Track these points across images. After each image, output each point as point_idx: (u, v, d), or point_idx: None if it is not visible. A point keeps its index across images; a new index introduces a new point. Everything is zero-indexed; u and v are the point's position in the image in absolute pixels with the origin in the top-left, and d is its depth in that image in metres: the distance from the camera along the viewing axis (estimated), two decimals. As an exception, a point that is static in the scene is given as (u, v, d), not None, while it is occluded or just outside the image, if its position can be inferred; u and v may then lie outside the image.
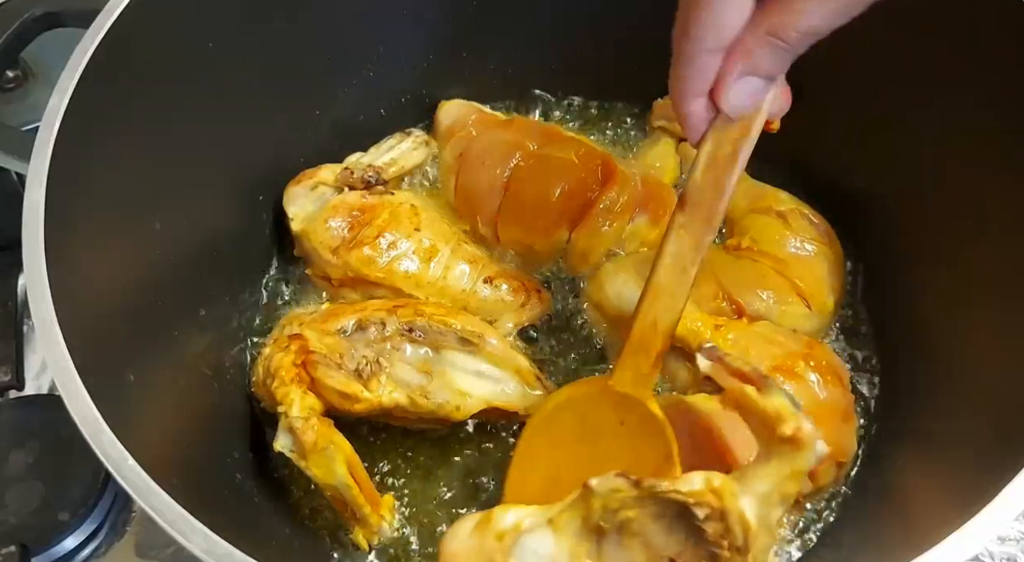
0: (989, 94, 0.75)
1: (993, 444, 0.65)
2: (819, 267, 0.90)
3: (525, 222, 0.92)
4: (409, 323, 0.81)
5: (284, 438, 0.75)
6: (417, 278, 0.88)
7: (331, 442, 0.75)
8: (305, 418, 0.75)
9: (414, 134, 1.02)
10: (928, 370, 0.83)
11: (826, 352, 0.84)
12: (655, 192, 0.94)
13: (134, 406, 0.65)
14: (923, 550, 0.54)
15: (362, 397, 0.78)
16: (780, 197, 0.95)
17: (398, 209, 0.90)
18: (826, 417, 0.79)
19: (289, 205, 0.92)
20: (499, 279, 0.90)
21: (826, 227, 0.93)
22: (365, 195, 0.91)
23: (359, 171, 0.92)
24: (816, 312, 0.87)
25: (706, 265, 0.87)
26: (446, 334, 0.81)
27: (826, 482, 0.80)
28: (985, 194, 0.77)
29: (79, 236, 0.66)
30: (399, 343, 0.81)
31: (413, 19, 0.97)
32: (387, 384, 0.79)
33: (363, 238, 0.87)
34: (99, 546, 0.89)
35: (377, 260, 0.87)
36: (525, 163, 0.92)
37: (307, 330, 0.81)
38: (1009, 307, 0.72)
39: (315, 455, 0.74)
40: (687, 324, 0.81)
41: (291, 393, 0.76)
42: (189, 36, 0.78)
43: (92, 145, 0.69)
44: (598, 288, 0.91)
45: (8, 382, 0.96)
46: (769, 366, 0.79)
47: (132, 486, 0.56)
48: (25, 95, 1.04)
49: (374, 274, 0.87)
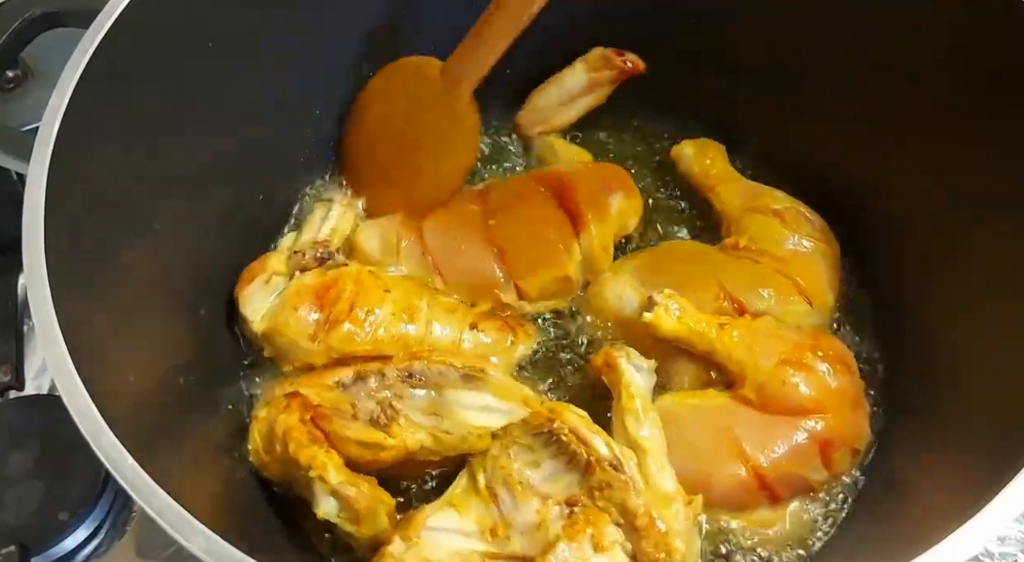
0: (987, 85, 0.75)
1: (994, 444, 0.65)
2: (818, 264, 0.90)
3: (540, 262, 0.91)
4: (407, 368, 0.79)
5: (327, 504, 0.72)
6: (404, 340, 0.84)
7: (380, 501, 0.73)
8: (350, 483, 0.71)
9: (336, 199, 0.98)
10: (928, 360, 0.83)
11: (832, 341, 0.85)
12: (610, 172, 0.98)
13: (134, 405, 0.65)
14: (923, 550, 0.54)
15: (387, 444, 0.75)
16: (776, 195, 0.95)
17: (359, 277, 0.86)
18: (838, 405, 0.80)
19: (246, 307, 0.85)
20: (482, 323, 0.88)
21: (822, 223, 0.93)
22: (322, 272, 0.87)
23: (309, 251, 0.88)
24: (817, 309, 0.88)
25: (707, 267, 0.89)
26: (447, 373, 0.79)
27: (842, 469, 0.81)
28: (980, 185, 0.77)
29: (79, 236, 0.66)
30: (401, 389, 0.79)
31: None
32: (407, 426, 0.77)
33: (337, 315, 0.83)
34: (99, 546, 0.89)
35: (359, 333, 0.83)
36: (496, 221, 0.92)
37: (302, 387, 0.78)
38: (1008, 296, 0.72)
39: (368, 518, 0.71)
40: (691, 325, 0.82)
41: (318, 456, 0.72)
42: (189, 36, 0.78)
43: (92, 145, 0.69)
44: (597, 295, 0.91)
45: (8, 382, 0.96)
46: (777, 360, 0.80)
47: (132, 486, 0.56)
48: (25, 95, 1.04)
49: (361, 348, 0.83)
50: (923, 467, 0.77)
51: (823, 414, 0.79)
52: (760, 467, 0.77)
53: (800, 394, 0.79)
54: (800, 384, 0.79)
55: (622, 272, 0.90)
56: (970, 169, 0.78)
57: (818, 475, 0.79)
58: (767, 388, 0.79)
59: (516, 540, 0.70)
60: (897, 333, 0.89)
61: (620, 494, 0.69)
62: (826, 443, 0.78)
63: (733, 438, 0.78)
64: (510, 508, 0.71)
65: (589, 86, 1.01)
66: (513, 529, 0.70)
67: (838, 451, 0.79)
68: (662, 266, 0.91)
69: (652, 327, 0.82)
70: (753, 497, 0.78)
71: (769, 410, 0.79)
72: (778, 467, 0.77)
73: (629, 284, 0.89)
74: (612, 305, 0.89)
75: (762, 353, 0.80)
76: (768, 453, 0.77)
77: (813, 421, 0.78)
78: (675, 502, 0.70)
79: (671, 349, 0.84)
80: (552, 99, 1.03)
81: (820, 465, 0.79)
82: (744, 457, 0.77)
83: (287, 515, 0.82)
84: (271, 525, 0.80)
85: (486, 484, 0.73)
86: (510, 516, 0.71)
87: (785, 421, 0.79)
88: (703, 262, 0.91)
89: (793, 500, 0.80)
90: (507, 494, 0.71)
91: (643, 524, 0.68)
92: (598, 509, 0.69)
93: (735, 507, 0.78)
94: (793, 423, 0.78)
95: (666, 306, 0.82)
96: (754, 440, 0.78)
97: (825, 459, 0.79)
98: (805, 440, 0.78)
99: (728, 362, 0.82)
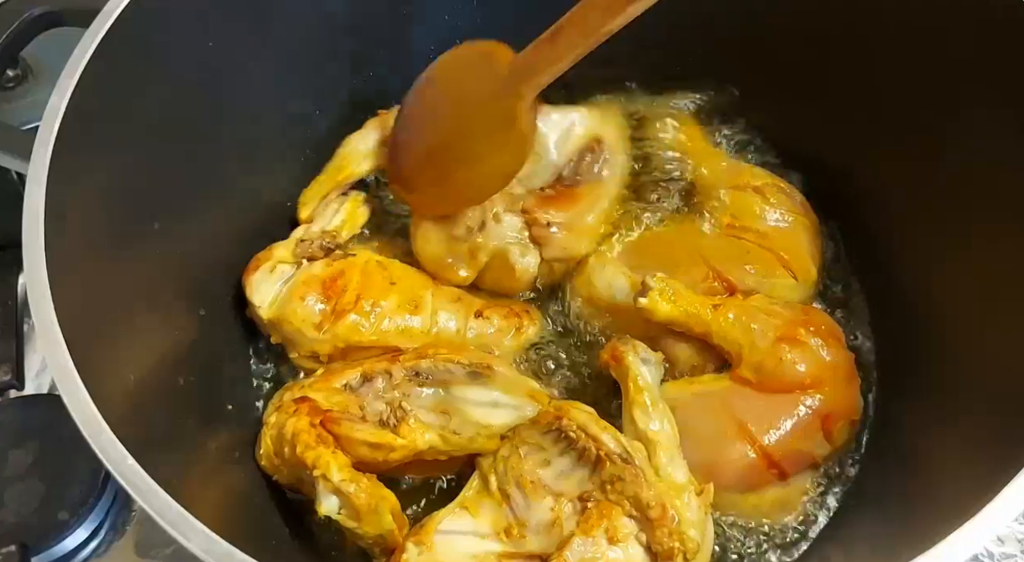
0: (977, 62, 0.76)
1: (994, 439, 0.65)
2: (799, 237, 0.91)
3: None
4: (414, 367, 0.80)
5: (329, 502, 0.72)
6: (410, 331, 0.85)
7: (382, 498, 0.73)
8: (351, 480, 0.72)
9: (351, 194, 0.98)
10: (920, 337, 0.84)
11: (822, 316, 0.86)
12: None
13: (134, 405, 0.65)
14: (923, 550, 0.54)
15: (396, 444, 0.76)
16: (756, 172, 0.96)
17: (366, 268, 0.87)
18: (832, 378, 0.81)
19: (254, 294, 0.86)
20: (488, 310, 0.89)
21: (801, 198, 0.94)
22: (329, 262, 0.87)
23: (316, 240, 0.89)
24: (802, 282, 0.89)
25: (693, 247, 0.90)
26: (454, 371, 0.80)
27: (842, 442, 0.82)
28: (967, 156, 0.78)
29: (79, 236, 0.66)
30: (409, 389, 0.80)
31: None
32: (416, 427, 0.77)
33: (344, 306, 0.84)
34: (99, 546, 0.89)
35: (365, 324, 0.84)
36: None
37: (311, 392, 0.79)
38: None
39: (369, 515, 0.72)
40: (686, 308, 0.82)
41: (323, 455, 0.72)
42: (189, 36, 0.78)
43: (92, 145, 0.69)
44: (586, 283, 0.91)
45: (8, 382, 0.96)
46: (774, 337, 0.81)
47: (132, 486, 0.56)
48: (25, 95, 1.04)
49: (367, 339, 0.84)
50: (923, 467, 0.77)
51: (821, 388, 0.80)
52: (767, 446, 0.78)
53: (797, 370, 0.80)
54: (797, 360, 0.80)
55: (609, 258, 0.91)
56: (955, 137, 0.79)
57: (821, 449, 0.81)
58: (765, 367, 0.80)
59: (531, 539, 0.70)
60: (890, 311, 0.91)
61: (632, 487, 0.69)
62: (826, 417, 0.80)
63: (738, 421, 0.79)
64: (523, 508, 0.71)
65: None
66: (528, 528, 0.71)
67: (837, 423, 0.81)
68: (649, 249, 0.92)
69: (648, 312, 0.82)
70: (763, 477, 0.79)
71: (768, 389, 0.80)
72: (784, 445, 0.79)
73: (618, 270, 0.89)
74: (603, 293, 0.90)
75: (757, 332, 0.81)
76: (773, 432, 0.79)
77: (812, 396, 0.80)
78: (687, 492, 0.70)
79: (662, 332, 0.85)
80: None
81: (823, 439, 0.80)
82: (751, 438, 0.78)
83: (288, 516, 0.82)
84: (272, 525, 0.80)
85: (498, 485, 0.73)
86: (524, 515, 0.71)
87: (785, 399, 0.80)
88: (689, 242, 0.92)
89: (800, 475, 0.81)
90: (519, 494, 0.72)
91: (656, 515, 0.68)
92: (611, 503, 0.69)
93: (746, 488, 0.80)
94: (793, 400, 0.80)
95: (660, 290, 0.82)
96: (758, 420, 0.79)
97: (827, 433, 0.80)
98: (807, 415, 0.79)
99: (724, 343, 0.83)
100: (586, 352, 0.91)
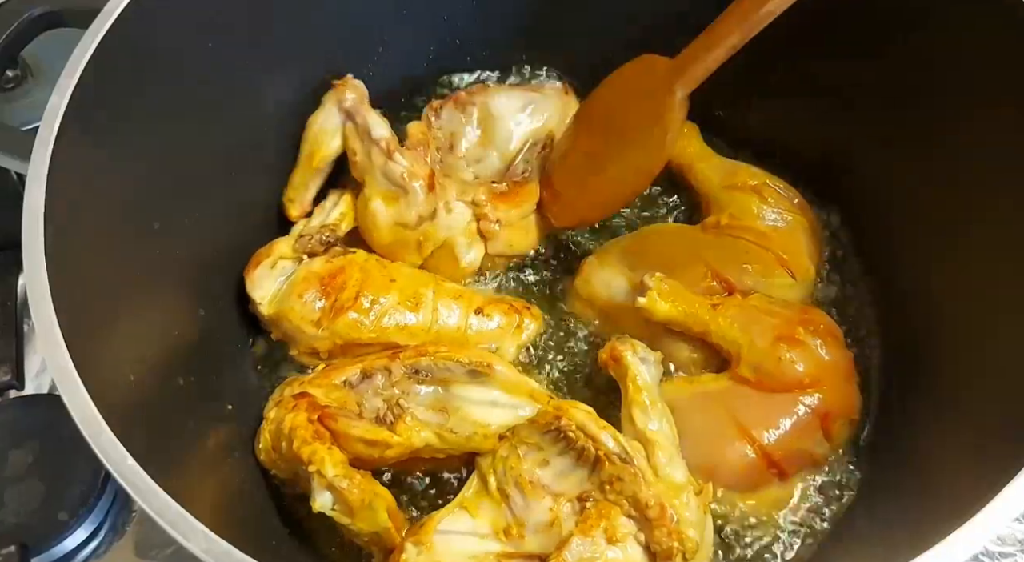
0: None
1: (995, 444, 0.65)
2: (797, 236, 0.91)
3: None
4: (414, 365, 0.80)
5: (323, 498, 0.72)
6: (410, 329, 0.85)
7: (375, 494, 0.73)
8: (344, 475, 0.72)
9: (350, 187, 0.96)
10: (924, 338, 0.84)
11: (820, 315, 0.86)
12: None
13: (134, 405, 0.65)
14: (923, 550, 0.54)
15: (392, 442, 0.76)
16: (752, 171, 0.96)
17: (366, 265, 0.87)
18: (831, 377, 0.81)
19: (254, 290, 0.87)
20: (488, 307, 0.89)
21: (798, 197, 0.95)
22: (328, 259, 0.87)
23: (315, 235, 0.89)
24: (800, 281, 0.89)
25: (691, 247, 0.90)
26: (453, 369, 0.80)
27: (841, 441, 0.82)
28: (968, 156, 0.78)
29: (79, 236, 0.66)
30: (408, 386, 0.80)
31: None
32: (413, 425, 0.77)
33: (343, 303, 0.83)
34: (99, 546, 0.89)
35: (365, 321, 0.83)
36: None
37: (311, 388, 0.79)
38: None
39: (362, 511, 0.72)
40: (685, 307, 0.83)
41: (318, 451, 0.72)
42: (189, 36, 0.78)
43: (92, 145, 0.69)
44: (585, 283, 0.91)
45: (8, 382, 0.96)
46: (773, 336, 0.81)
47: (132, 486, 0.56)
48: (25, 95, 1.05)
49: (366, 336, 0.83)
50: (923, 466, 0.77)
51: (820, 387, 0.80)
52: (766, 446, 0.78)
53: (796, 370, 0.80)
54: (795, 360, 0.80)
55: (608, 258, 0.91)
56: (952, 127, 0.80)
57: (821, 448, 0.81)
58: (764, 366, 0.80)
59: (530, 539, 0.71)
60: (893, 308, 0.90)
61: (631, 487, 0.69)
62: (825, 416, 0.80)
63: (737, 421, 0.79)
64: (522, 507, 0.72)
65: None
66: (527, 528, 0.71)
67: (837, 422, 0.81)
68: (647, 249, 0.92)
69: (646, 312, 0.83)
70: (763, 476, 0.79)
71: (767, 388, 0.80)
72: (784, 444, 0.79)
73: (616, 270, 0.90)
74: (601, 292, 0.90)
75: (756, 331, 0.82)
76: (772, 431, 0.79)
77: (811, 395, 0.80)
78: (686, 492, 0.71)
79: (660, 331, 0.85)
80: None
81: (822, 438, 0.81)
82: (750, 438, 0.78)
83: (288, 516, 0.82)
84: (272, 525, 0.80)
85: (497, 485, 0.73)
86: (523, 515, 0.71)
87: (785, 398, 0.80)
88: (687, 242, 0.92)
89: (799, 475, 0.81)
90: (518, 494, 0.72)
91: (655, 515, 0.68)
92: (610, 503, 0.70)
93: (746, 488, 0.80)
94: (792, 399, 0.80)
95: (659, 289, 0.83)
96: (757, 420, 0.79)
97: (826, 432, 0.81)
98: (806, 414, 0.80)
99: (723, 342, 0.83)
100: (585, 352, 0.91)
